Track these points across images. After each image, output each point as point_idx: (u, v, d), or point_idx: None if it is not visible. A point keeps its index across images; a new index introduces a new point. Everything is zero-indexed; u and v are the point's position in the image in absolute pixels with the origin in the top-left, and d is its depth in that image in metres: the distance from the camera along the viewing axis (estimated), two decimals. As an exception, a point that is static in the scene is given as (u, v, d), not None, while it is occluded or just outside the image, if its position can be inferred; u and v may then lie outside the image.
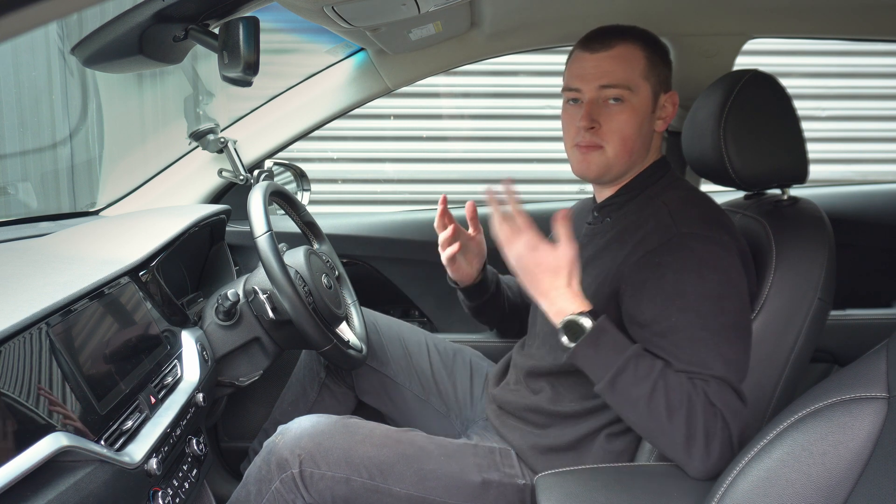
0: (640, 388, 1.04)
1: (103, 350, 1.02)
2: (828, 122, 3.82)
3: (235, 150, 1.77)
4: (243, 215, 1.38)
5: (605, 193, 1.32)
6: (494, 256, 1.61)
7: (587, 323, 1.06)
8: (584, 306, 1.08)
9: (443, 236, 1.39)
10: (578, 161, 1.26)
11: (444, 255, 1.40)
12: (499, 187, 1.18)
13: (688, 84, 1.74)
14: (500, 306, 1.57)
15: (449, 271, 1.47)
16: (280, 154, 1.88)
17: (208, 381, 1.27)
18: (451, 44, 1.74)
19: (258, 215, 1.32)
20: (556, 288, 1.09)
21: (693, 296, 1.09)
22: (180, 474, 1.11)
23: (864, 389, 0.87)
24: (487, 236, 1.50)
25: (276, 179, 1.87)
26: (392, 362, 1.59)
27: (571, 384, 1.27)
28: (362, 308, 1.64)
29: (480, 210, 1.44)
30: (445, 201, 1.38)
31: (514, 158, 3.83)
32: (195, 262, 1.66)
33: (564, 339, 1.08)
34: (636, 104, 1.22)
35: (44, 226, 1.57)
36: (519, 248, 1.10)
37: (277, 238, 1.32)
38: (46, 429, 0.82)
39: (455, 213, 2.10)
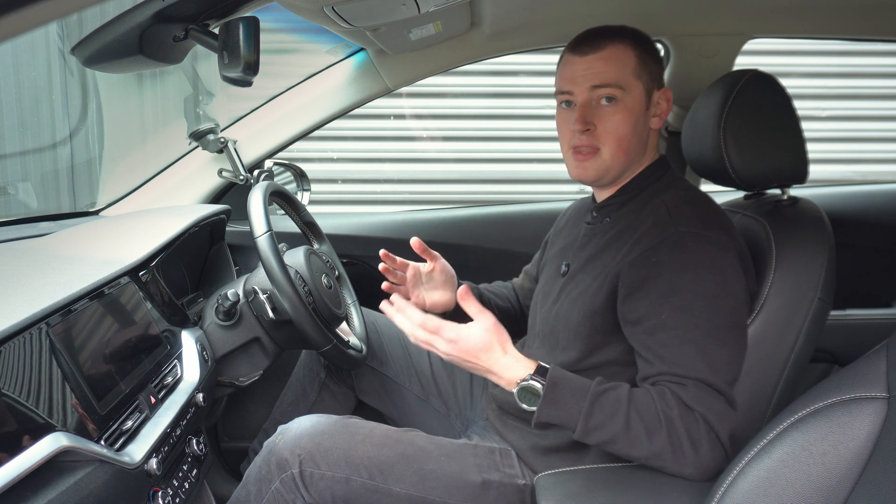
0: (614, 424, 1.05)
1: (103, 350, 1.02)
2: (828, 122, 3.82)
3: (235, 150, 1.77)
4: (243, 215, 1.38)
5: (604, 193, 1.32)
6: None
7: (537, 384, 1.07)
8: (530, 367, 1.09)
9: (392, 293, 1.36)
10: (575, 167, 1.26)
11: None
12: (393, 300, 1.19)
13: (688, 84, 1.74)
14: None
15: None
16: (280, 154, 1.88)
17: (208, 381, 1.27)
18: (451, 44, 1.74)
19: (258, 215, 1.32)
20: (495, 361, 1.10)
21: (689, 295, 1.09)
22: (180, 474, 1.11)
23: (864, 389, 0.87)
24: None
25: (276, 179, 1.87)
26: (392, 362, 1.59)
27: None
28: (362, 308, 1.64)
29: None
30: (387, 256, 1.38)
31: (514, 158, 3.83)
32: (195, 262, 1.66)
33: (525, 406, 1.09)
34: (630, 103, 1.22)
35: (44, 226, 1.57)
36: (442, 348, 1.11)
37: (277, 238, 1.31)
38: (46, 429, 0.82)
39: (447, 213, 2.12)
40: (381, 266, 1.40)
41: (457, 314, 1.45)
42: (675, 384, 1.06)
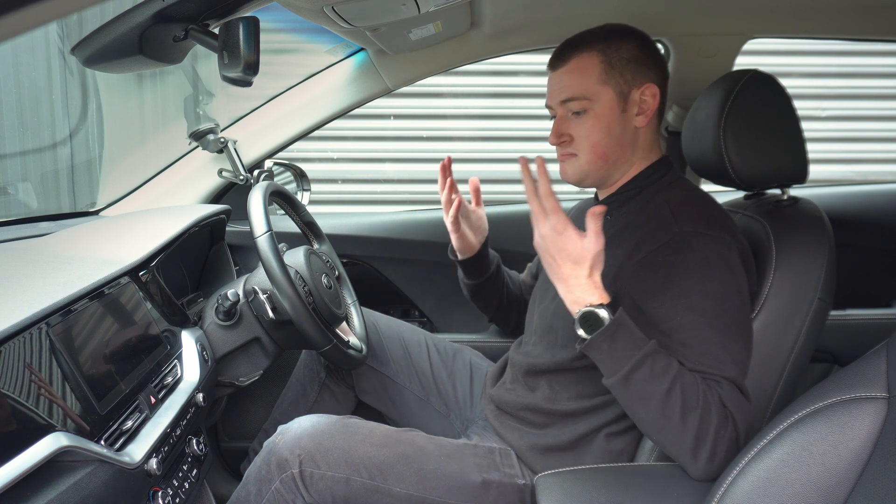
0: (657, 385, 1.02)
1: (103, 350, 1.02)
2: (828, 122, 3.83)
3: (235, 150, 1.77)
4: (243, 215, 1.38)
5: (605, 192, 1.33)
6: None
7: (605, 315, 1.04)
8: (604, 298, 1.06)
9: (444, 197, 1.44)
10: (560, 170, 1.31)
11: (448, 219, 1.45)
12: (532, 166, 1.14)
13: (688, 84, 1.74)
14: (499, 291, 1.58)
15: (452, 238, 1.49)
16: (280, 154, 1.88)
17: (208, 381, 1.27)
18: (451, 44, 1.74)
19: (258, 215, 1.32)
20: (576, 276, 1.06)
21: (697, 295, 1.09)
22: (180, 474, 1.11)
23: (864, 389, 0.87)
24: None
25: (276, 179, 1.87)
26: (392, 362, 1.59)
27: (568, 382, 1.27)
28: (362, 308, 1.64)
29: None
30: (449, 163, 1.43)
31: (514, 158, 3.82)
32: (195, 262, 1.66)
33: (581, 331, 1.06)
34: (599, 110, 1.24)
35: (44, 226, 1.57)
36: (545, 230, 1.08)
37: (277, 238, 1.32)
38: (46, 429, 0.82)
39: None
40: (441, 164, 1.44)
41: (472, 266, 1.54)
42: (713, 380, 1.05)
